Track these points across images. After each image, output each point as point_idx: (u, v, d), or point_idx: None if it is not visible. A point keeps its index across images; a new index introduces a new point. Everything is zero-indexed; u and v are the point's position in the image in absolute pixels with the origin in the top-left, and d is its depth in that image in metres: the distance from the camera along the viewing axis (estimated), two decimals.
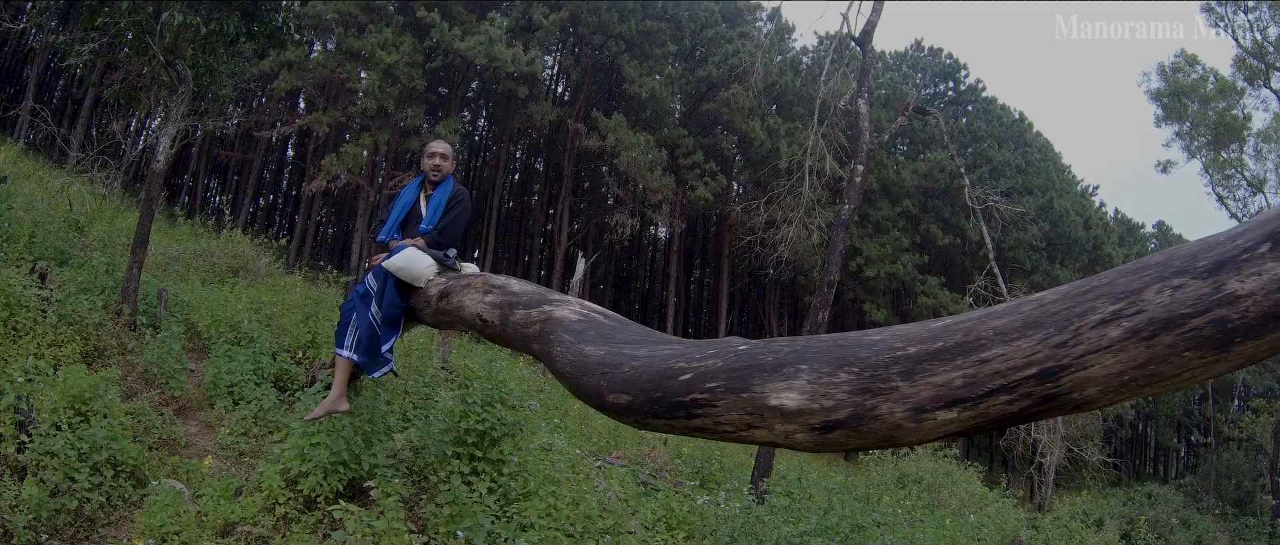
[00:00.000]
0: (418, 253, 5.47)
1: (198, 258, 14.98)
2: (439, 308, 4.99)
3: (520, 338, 3.82)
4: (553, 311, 3.59)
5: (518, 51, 30.55)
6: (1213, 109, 35.67)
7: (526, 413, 6.94)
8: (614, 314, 3.50)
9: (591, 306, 3.58)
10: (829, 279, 11.79)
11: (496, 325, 4.09)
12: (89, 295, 8.03)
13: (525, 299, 3.93)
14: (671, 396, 2.64)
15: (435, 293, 5.10)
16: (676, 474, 11.65)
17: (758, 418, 2.40)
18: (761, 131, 36.57)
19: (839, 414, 2.24)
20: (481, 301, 4.30)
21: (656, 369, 2.75)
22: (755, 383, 2.41)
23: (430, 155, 6.22)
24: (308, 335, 9.77)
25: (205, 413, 7.31)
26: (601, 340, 3.16)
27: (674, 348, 2.88)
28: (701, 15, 38.78)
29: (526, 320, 3.75)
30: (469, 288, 4.58)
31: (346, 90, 33.66)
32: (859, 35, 13.05)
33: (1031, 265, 42.32)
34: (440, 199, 6.00)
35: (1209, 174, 37.27)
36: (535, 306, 3.76)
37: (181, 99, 9.52)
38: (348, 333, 5.56)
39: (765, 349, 2.51)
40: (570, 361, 3.19)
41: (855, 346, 2.33)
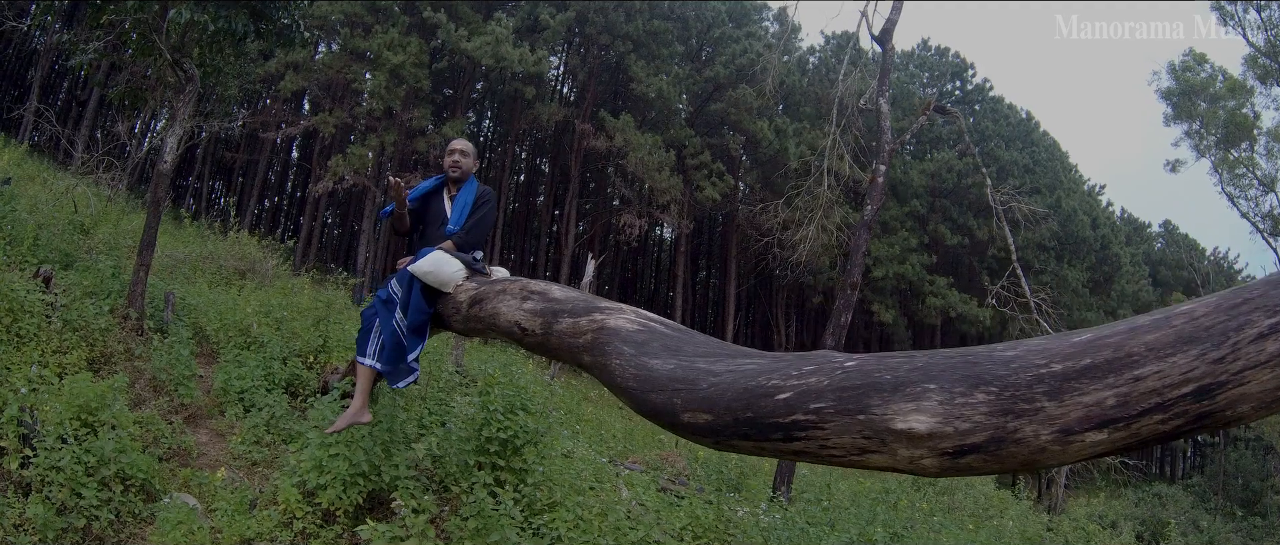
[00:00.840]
0: (445, 256, 5.24)
1: (204, 260, 14.73)
2: (470, 314, 4.72)
3: (567, 348, 3.55)
4: (606, 320, 3.34)
5: (525, 51, 30.35)
6: (1223, 107, 35.48)
7: (550, 420, 6.66)
8: (673, 322, 3.25)
9: (648, 314, 3.34)
10: (852, 281, 11.53)
11: (538, 334, 3.83)
12: (95, 299, 7.77)
13: (571, 306, 3.67)
14: (766, 417, 2.41)
15: (466, 298, 4.84)
16: (695, 479, 11.40)
17: (877, 441, 2.18)
18: (769, 132, 36.37)
19: (976, 437, 2.04)
20: (520, 308, 4.04)
21: (743, 386, 2.51)
22: (874, 404, 2.18)
23: (450, 152, 5.99)
24: (319, 339, 9.51)
25: (216, 420, 7.04)
26: (668, 352, 2.91)
27: (758, 362, 2.63)
28: (708, 15, 38.65)
29: (575, 330, 3.49)
30: (504, 293, 4.31)
31: (352, 91, 33.49)
32: (878, 33, 12.79)
33: (1040, 265, 42.16)
34: (466, 200, 5.76)
35: (1218, 173, 37.06)
36: (583, 314, 3.51)
37: (188, 98, 9.28)
38: (370, 340, 5.32)
39: (879, 366, 2.27)
40: (633, 376, 2.94)
41: (988, 363, 2.12)
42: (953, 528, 10.70)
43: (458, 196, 5.81)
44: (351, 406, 5.27)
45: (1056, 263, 43.45)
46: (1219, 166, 36.76)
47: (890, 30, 12.60)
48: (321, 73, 31.17)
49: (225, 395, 7.40)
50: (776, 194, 39.13)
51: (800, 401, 2.33)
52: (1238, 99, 35.34)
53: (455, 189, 5.93)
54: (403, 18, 30.35)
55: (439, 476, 6.28)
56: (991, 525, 12.94)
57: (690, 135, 36.48)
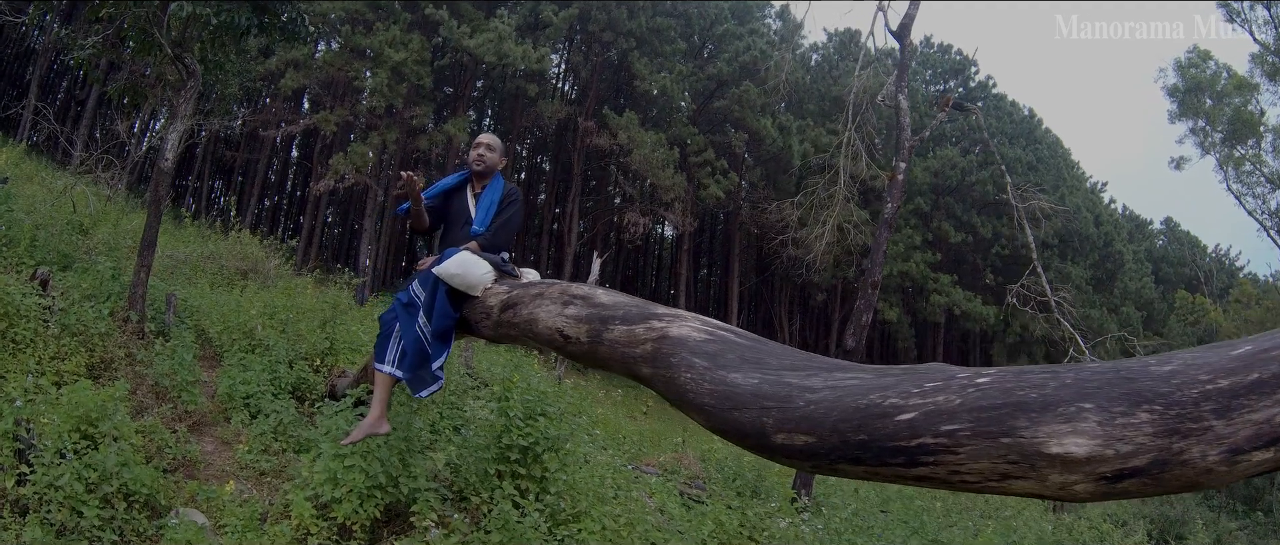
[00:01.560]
0: (473, 257, 4.88)
1: (206, 260, 14.45)
2: (502, 320, 4.38)
3: (621, 359, 3.24)
4: (668, 329, 3.02)
5: (527, 49, 30.12)
6: (1229, 104, 35.38)
7: (572, 427, 6.39)
8: (743, 331, 2.94)
9: (713, 322, 3.03)
10: (873, 280, 11.27)
11: (584, 343, 3.50)
12: (94, 302, 7.47)
13: (623, 312, 3.36)
14: (885, 440, 2.14)
15: (497, 303, 4.49)
16: (711, 481, 11.16)
17: (1023, 467, 1.93)
18: (773, 129, 36.17)
19: (1138, 460, 1.84)
20: (561, 314, 3.71)
21: (852, 405, 2.22)
22: (1021, 426, 1.92)
23: (475, 146, 5.67)
24: (325, 342, 9.24)
25: (221, 428, 6.75)
26: (749, 365, 2.61)
27: (860, 377, 2.34)
28: (711, 12, 38.47)
29: (630, 339, 3.18)
30: (542, 298, 3.97)
31: (353, 89, 33.25)
32: (897, 29, 12.53)
33: (1044, 262, 41.76)
34: (492, 198, 5.43)
35: (1224, 170, 36.96)
36: (639, 322, 3.19)
37: (190, 94, 8.99)
38: (389, 346, 5.00)
39: (1020, 383, 2.00)
40: (710, 391, 2.63)
41: (1146, 379, 1.89)
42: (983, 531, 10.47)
43: (483, 194, 5.50)
44: (369, 416, 4.96)
45: (1060, 260, 43.35)
46: (1224, 163, 36.68)
47: (908, 26, 12.35)
48: (322, 70, 30.90)
49: (230, 401, 7.11)
50: (781, 191, 39.02)
51: (928, 423, 2.07)
52: (1243, 96, 35.24)
53: (480, 186, 5.60)
54: (404, 15, 30.11)
55: (457, 487, 6.00)
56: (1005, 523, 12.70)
57: (693, 133, 36.29)
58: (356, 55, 30.67)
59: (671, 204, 33.95)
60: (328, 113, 30.74)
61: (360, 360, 9.32)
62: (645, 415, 19.85)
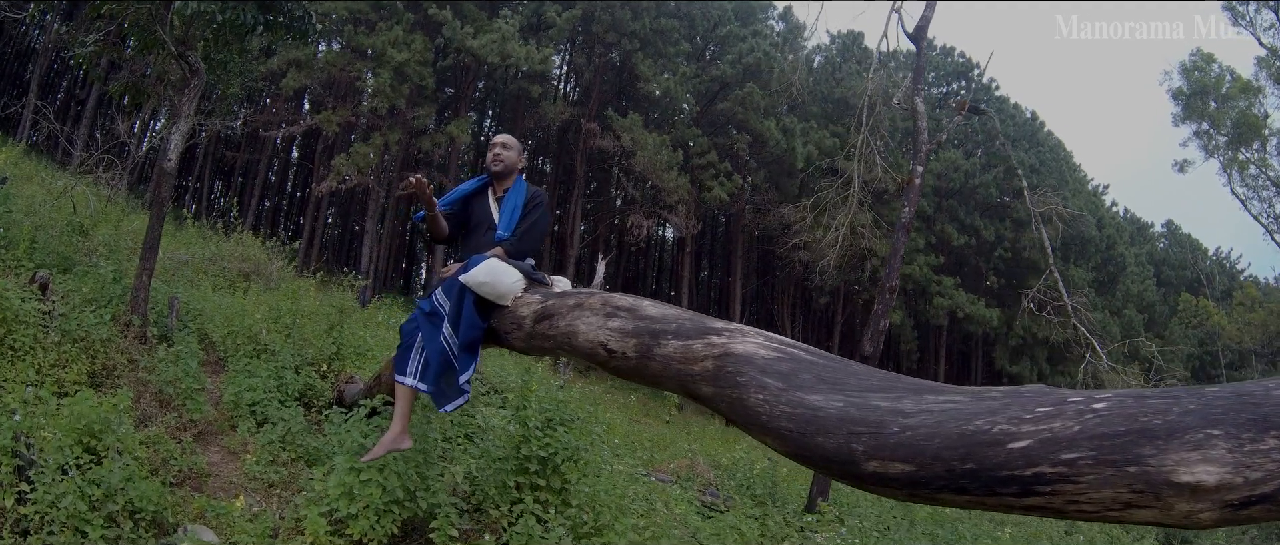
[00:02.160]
0: (502, 265, 4.62)
1: (208, 262, 14.26)
2: (536, 332, 4.12)
3: (676, 377, 3.00)
4: (730, 345, 2.80)
5: (531, 49, 29.91)
6: (1234, 107, 35.35)
7: (592, 436, 6.16)
8: (812, 347, 2.74)
9: (778, 338, 2.82)
10: (890, 285, 11.07)
11: (631, 358, 3.27)
12: (95, 307, 7.23)
13: (675, 326, 3.12)
14: (995, 469, 1.99)
15: (530, 313, 4.24)
16: (725, 489, 10.96)
17: (1149, 496, 1.82)
18: (776, 131, 35.96)
19: (1267, 487, 1.76)
20: (604, 327, 3.47)
21: (955, 432, 2.05)
22: (1147, 454, 1.81)
23: (491, 146, 5.44)
24: (332, 346, 9.01)
25: (227, 437, 6.52)
26: (828, 386, 2.41)
27: (957, 400, 2.17)
28: (714, 13, 38.30)
29: (687, 355, 2.95)
30: (581, 309, 3.72)
31: (355, 90, 33.04)
32: (913, 31, 12.33)
33: (1046, 265, 41.60)
34: (515, 202, 5.19)
35: (1227, 173, 36.96)
36: (696, 337, 2.96)
37: (193, 93, 8.76)
38: (411, 358, 4.72)
39: (1140, 408, 1.88)
40: (787, 415, 2.42)
41: (1270, 404, 1.79)
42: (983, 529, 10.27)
43: (505, 198, 5.25)
44: (390, 431, 4.71)
45: (1063, 263, 43.13)
46: (1228, 167, 36.67)
47: (924, 27, 12.15)
48: (324, 71, 30.68)
49: (236, 409, 6.89)
50: (784, 194, 38.85)
51: (1045, 451, 1.91)
52: (1248, 99, 35.21)
53: (501, 190, 5.36)
54: (407, 15, 29.89)
55: (475, 499, 5.77)
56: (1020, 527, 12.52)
57: (697, 134, 36.12)
58: (358, 55, 30.45)
59: (675, 206, 33.73)
60: (330, 113, 30.50)
61: (367, 365, 9.10)
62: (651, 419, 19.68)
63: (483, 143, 45.56)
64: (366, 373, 8.82)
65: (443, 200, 5.33)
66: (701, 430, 20.46)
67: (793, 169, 37.36)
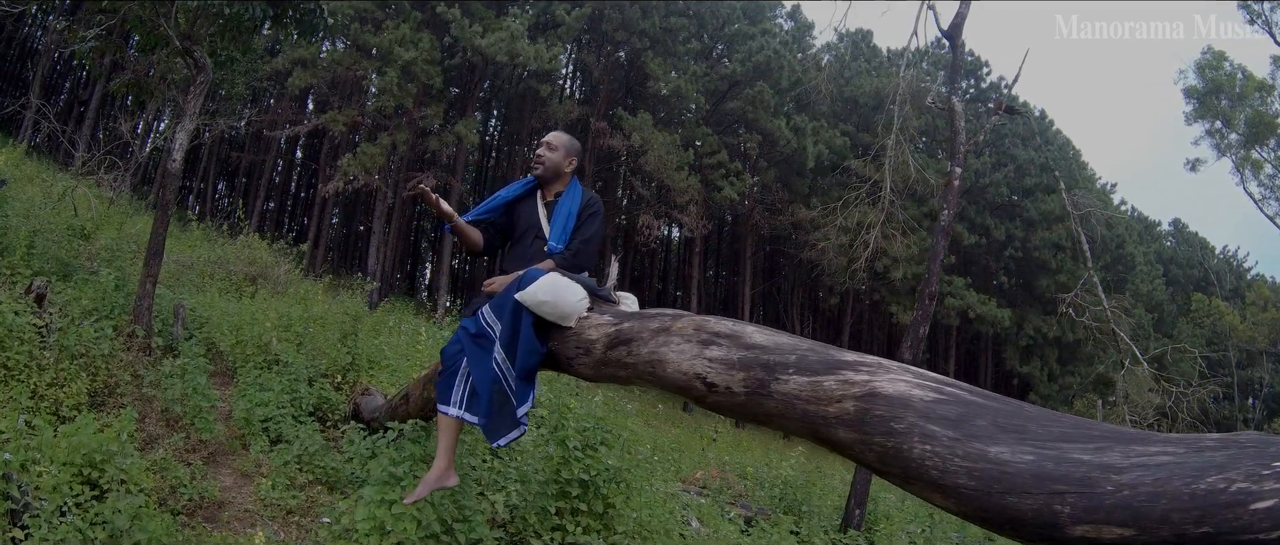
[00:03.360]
0: (564, 281, 4.03)
1: (213, 266, 13.80)
2: (609, 359, 3.58)
3: (801, 419, 2.54)
4: (875, 384, 2.35)
5: (540, 48, 29.44)
6: (1248, 106, 35.16)
7: (638, 457, 5.71)
8: (970, 386, 2.31)
9: (925, 372, 2.39)
10: (930, 290, 10.60)
11: (738, 394, 2.77)
12: (95, 318, 6.75)
13: (795, 358, 2.64)
14: (1237, 533, 1.67)
15: (601, 337, 3.70)
16: (756, 500, 10.51)
17: None
18: (787, 130, 35.53)
19: None
20: (700, 357, 2.95)
21: (1184, 491, 1.73)
22: None
23: (537, 145, 4.90)
24: (346, 356, 8.56)
25: (239, 457, 6.06)
26: (1010, 435, 2.00)
27: (1173, 451, 1.82)
28: (723, 12, 37.91)
29: (817, 394, 2.48)
30: (667, 334, 3.20)
31: (360, 89, 32.61)
32: (948, 28, 11.87)
33: (1057, 264, 41.70)
34: (570, 208, 4.64)
35: (1240, 172, 36.80)
36: (825, 372, 2.50)
37: (199, 91, 8.31)
38: (455, 384, 4.23)
39: None
40: (967, 471, 2.00)
41: None
42: None
43: (558, 204, 4.69)
44: (434, 468, 4.21)
45: (1072, 262, 42.92)
46: (1241, 165, 36.50)
47: (960, 25, 11.69)
48: (330, 70, 30.21)
49: (248, 426, 6.43)
50: (794, 193, 38.49)
51: None
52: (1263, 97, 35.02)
53: (551, 194, 4.81)
54: (414, 13, 29.43)
55: (515, 529, 5.31)
56: None
57: (706, 133, 35.72)
58: (364, 54, 29.99)
59: (686, 206, 33.29)
60: (335, 113, 30.03)
61: (383, 375, 8.66)
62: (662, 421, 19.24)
63: (489, 143, 45.17)
64: (382, 383, 8.38)
65: (479, 209, 4.80)
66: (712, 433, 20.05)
67: (803, 168, 37.02)
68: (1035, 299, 42.68)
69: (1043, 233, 41.47)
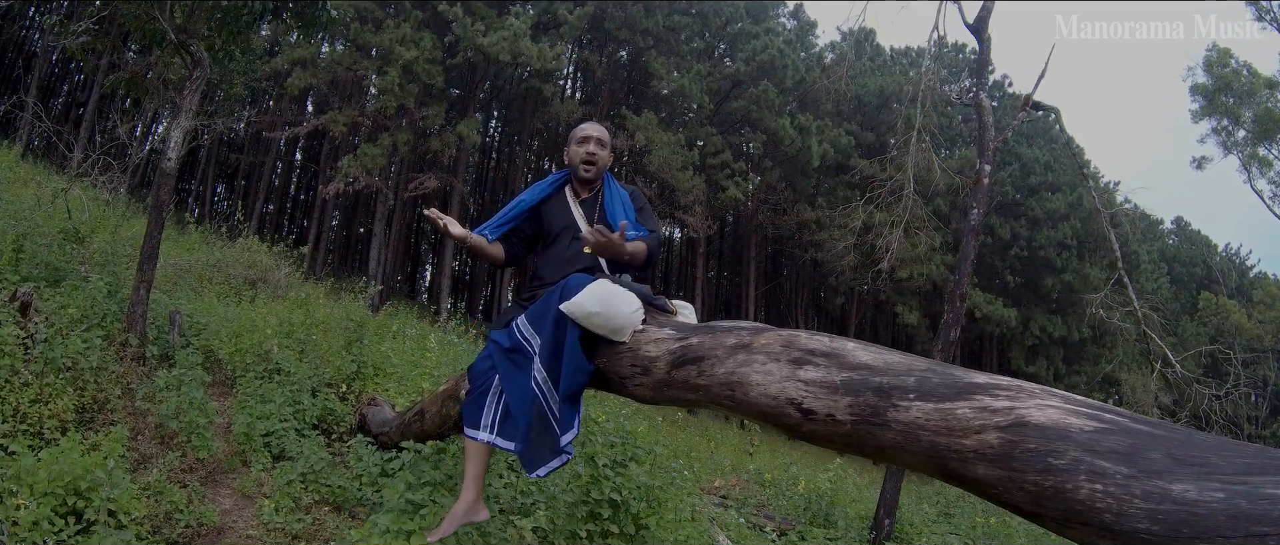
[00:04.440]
0: (615, 289, 3.48)
1: (211, 269, 13.40)
2: (674, 379, 3.07)
3: (928, 452, 2.13)
4: (1020, 409, 1.96)
5: (543, 47, 29.07)
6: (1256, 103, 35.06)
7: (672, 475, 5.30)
8: (1123, 410, 1.95)
9: (1074, 397, 2.01)
10: (960, 292, 10.21)
11: (845, 423, 2.34)
12: (84, 328, 6.32)
13: (917, 381, 2.22)
14: None
15: (663, 355, 3.18)
16: (779, 509, 10.14)
17: None
18: (791, 130, 35.21)
19: None
20: (794, 379, 2.50)
21: None
22: None
23: (582, 140, 4.36)
24: (352, 365, 8.14)
25: (239, 476, 5.63)
26: (1191, 469, 1.68)
27: None
28: (726, 11, 37.63)
29: (948, 424, 2.08)
30: (748, 352, 2.73)
31: (361, 90, 32.24)
32: (973, 22, 11.47)
33: (1062, 263, 41.56)
34: (623, 202, 4.22)
35: (1247, 170, 36.67)
36: (955, 398, 2.10)
37: (195, 87, 7.89)
38: (486, 405, 3.77)
39: None
40: (1147, 513, 1.66)
41: None
42: None
43: (603, 202, 4.24)
44: (461, 500, 3.76)
45: (1078, 261, 42.73)
46: (1248, 163, 36.38)
47: (985, 20, 11.29)
48: (329, 70, 29.81)
49: (248, 441, 6.01)
50: (799, 193, 38.18)
51: None
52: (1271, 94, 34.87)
53: (587, 191, 4.34)
54: (414, 12, 29.04)
55: None
56: None
57: (710, 133, 35.41)
58: (365, 54, 29.61)
59: (690, 206, 32.93)
60: (336, 113, 29.59)
61: (389, 383, 8.26)
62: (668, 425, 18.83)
63: (489, 144, 44.79)
64: (390, 392, 7.99)
65: (501, 219, 4.34)
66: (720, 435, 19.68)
67: (807, 168, 36.74)
68: (1041, 298, 42.47)
69: (1048, 231, 41.27)
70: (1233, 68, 35.32)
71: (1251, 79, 35.11)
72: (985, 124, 10.89)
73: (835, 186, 39.78)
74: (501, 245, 4.36)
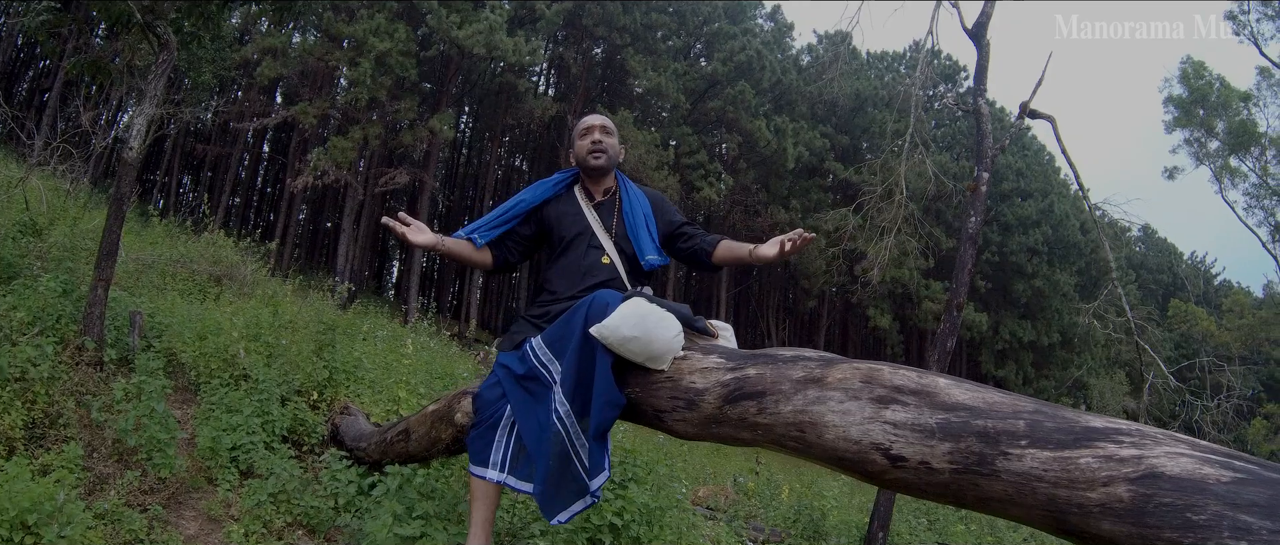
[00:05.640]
0: (655, 311, 2.99)
1: (175, 264, 12.82)
2: (725, 416, 2.67)
3: (1045, 506, 1.87)
4: (1149, 459, 1.76)
5: (520, 41, 28.62)
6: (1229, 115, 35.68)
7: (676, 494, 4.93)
8: (1246, 454, 1.77)
9: (1199, 443, 1.83)
10: (957, 301, 9.89)
11: (941, 472, 2.04)
12: (36, 331, 5.82)
13: (1028, 426, 1.95)
14: None
15: (714, 386, 2.75)
16: (768, 521, 9.79)
17: None
18: (767, 131, 35.12)
19: None
20: (878, 420, 2.18)
21: None
22: None
23: (585, 131, 3.88)
24: (324, 370, 7.65)
25: (205, 496, 5.18)
26: None
27: None
28: (703, 10, 37.48)
29: (1069, 474, 1.83)
30: (820, 387, 2.37)
31: (332, 81, 31.64)
32: (972, 27, 11.21)
33: (1032, 269, 42.00)
34: (643, 208, 3.75)
35: (1218, 181, 37.15)
36: (1073, 445, 1.85)
37: (162, 69, 7.40)
38: (495, 440, 3.27)
39: None
40: None
41: None
42: None
43: (621, 205, 3.77)
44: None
45: (1048, 267, 43.09)
46: (1220, 174, 36.86)
47: (985, 24, 11.04)
48: (300, 60, 29.13)
49: (214, 457, 5.55)
50: (773, 194, 38.06)
51: None
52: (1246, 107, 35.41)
53: (601, 192, 3.87)
54: (389, 3, 28.48)
55: None
56: None
57: (686, 133, 35.19)
58: (337, 44, 28.99)
59: None
60: (306, 104, 28.89)
61: (361, 390, 7.82)
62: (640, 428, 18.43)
63: (460, 139, 44.27)
64: (364, 400, 7.56)
65: (492, 220, 3.81)
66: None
67: (782, 170, 36.65)
68: (1011, 302, 42.72)
69: (1020, 237, 41.51)
70: (1207, 80, 35.72)
71: (1224, 91, 35.57)
72: (984, 131, 10.62)
73: (810, 189, 39.72)
74: (491, 250, 3.87)
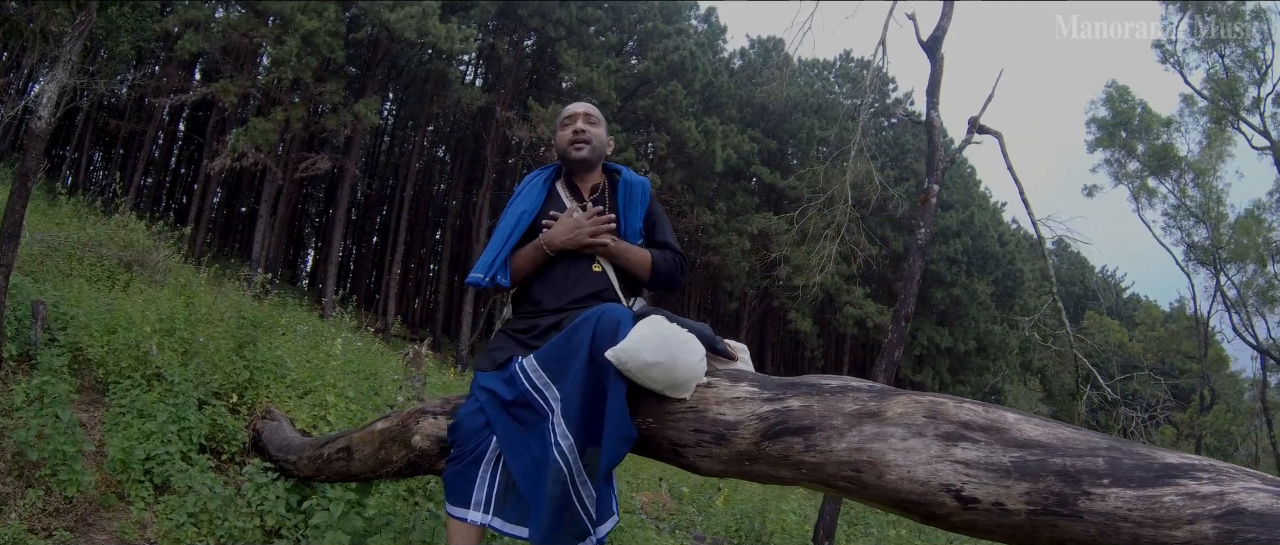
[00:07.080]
0: (678, 333, 2.56)
1: (83, 248, 12.06)
2: (765, 453, 2.30)
3: None
4: (1230, 495, 1.73)
5: (453, 28, 27.92)
6: (1149, 139, 37.41)
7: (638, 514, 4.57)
8: None
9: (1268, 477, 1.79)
10: (906, 312, 9.76)
11: (1016, 514, 1.85)
12: None
13: (1107, 464, 1.81)
14: None
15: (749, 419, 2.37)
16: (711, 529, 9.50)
17: None
18: (697, 132, 35.10)
19: None
20: (946, 459, 1.95)
21: None
22: None
23: (567, 121, 3.44)
24: (244, 371, 7.10)
25: (117, 515, 4.64)
26: None
27: None
28: (639, 9, 37.36)
29: (1154, 514, 1.75)
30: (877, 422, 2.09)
31: (254, 59, 30.55)
32: (927, 41, 11.11)
33: (950, 277, 42.87)
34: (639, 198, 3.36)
35: (1136, 201, 38.59)
36: (1157, 483, 1.78)
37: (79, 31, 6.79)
38: (479, 477, 2.83)
39: None
40: None
41: None
42: None
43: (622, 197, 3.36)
44: None
45: (966, 276, 44.00)
46: (1137, 194, 38.33)
47: (940, 38, 10.96)
48: (223, 35, 27.87)
49: (126, 470, 5.03)
50: (700, 196, 38.04)
51: None
52: (1167, 132, 37.04)
53: (588, 187, 3.42)
54: None
55: None
56: None
57: (616, 130, 34.91)
58: (262, 20, 27.93)
59: None
60: (227, 82, 27.62)
61: (289, 397, 7.27)
62: None
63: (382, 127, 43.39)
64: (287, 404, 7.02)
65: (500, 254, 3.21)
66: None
67: (710, 172, 36.72)
68: (929, 309, 43.44)
69: (940, 247, 42.25)
70: (1130, 104, 37.53)
71: (1146, 116, 37.49)
72: (935, 143, 10.52)
73: (736, 192, 39.86)
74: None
